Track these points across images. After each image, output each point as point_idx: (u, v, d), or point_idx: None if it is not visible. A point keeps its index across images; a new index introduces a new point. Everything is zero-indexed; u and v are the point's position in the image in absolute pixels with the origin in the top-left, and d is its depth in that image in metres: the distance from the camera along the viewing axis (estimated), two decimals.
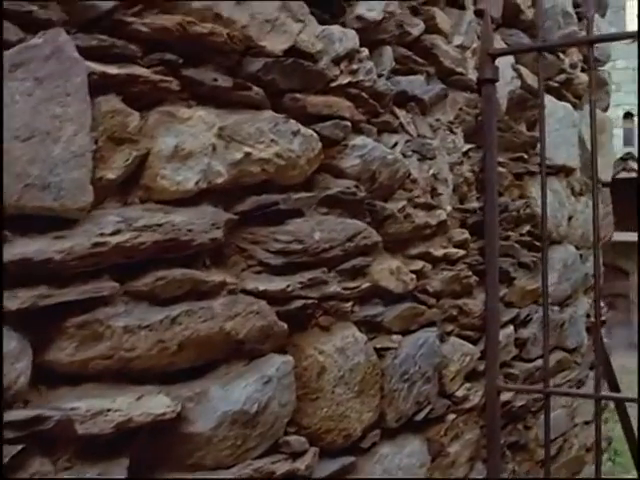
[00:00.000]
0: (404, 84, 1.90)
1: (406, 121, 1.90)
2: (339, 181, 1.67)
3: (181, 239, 1.26)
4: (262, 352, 1.48)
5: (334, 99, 1.64)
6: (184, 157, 1.29)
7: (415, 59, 1.95)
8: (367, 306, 1.77)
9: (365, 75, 1.73)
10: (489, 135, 2.27)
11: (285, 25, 1.50)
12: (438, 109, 2.06)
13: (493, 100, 2.28)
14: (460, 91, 2.18)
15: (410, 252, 1.94)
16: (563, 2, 2.88)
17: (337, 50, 1.63)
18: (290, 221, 1.54)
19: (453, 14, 2.15)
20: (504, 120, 2.42)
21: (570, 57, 3.01)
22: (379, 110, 1.78)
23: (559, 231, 2.83)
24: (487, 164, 2.27)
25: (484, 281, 2.27)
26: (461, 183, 2.15)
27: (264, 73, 1.46)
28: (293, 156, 1.51)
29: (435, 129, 2.04)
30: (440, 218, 2.03)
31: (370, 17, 1.75)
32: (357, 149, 1.70)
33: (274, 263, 1.50)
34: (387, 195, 1.84)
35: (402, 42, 1.92)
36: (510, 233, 2.44)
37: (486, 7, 2.31)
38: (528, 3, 2.60)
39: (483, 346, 2.27)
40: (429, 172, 1.99)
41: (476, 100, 2.26)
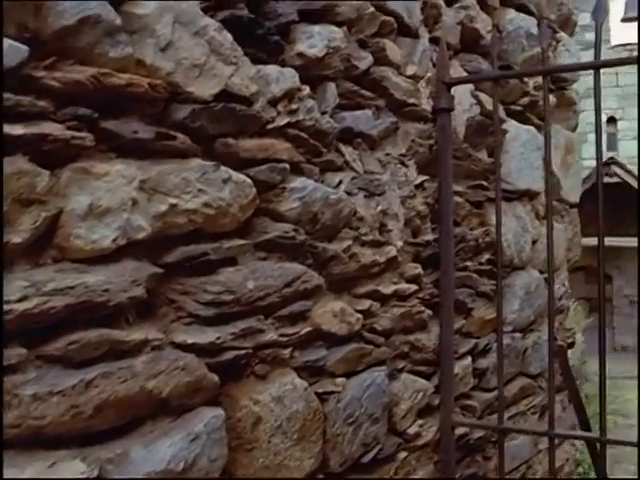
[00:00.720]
0: (350, 120, 1.85)
1: (352, 158, 1.86)
2: (278, 225, 1.63)
3: (96, 300, 1.21)
4: (191, 406, 1.43)
5: (271, 142, 1.59)
6: (100, 214, 1.24)
7: (362, 93, 1.90)
8: (309, 350, 1.73)
9: (306, 114, 1.69)
10: (444, 165, 2.23)
11: (215, 69, 1.45)
12: (388, 143, 2.02)
13: (448, 129, 2.24)
14: (413, 122, 2.14)
15: (357, 291, 1.90)
16: (527, 24, 2.85)
17: (274, 91, 1.59)
18: (222, 270, 1.49)
19: (406, 43, 2.11)
20: (462, 148, 2.38)
21: (535, 79, 2.97)
22: (321, 149, 1.74)
23: (522, 257, 2.79)
24: (442, 194, 2.23)
25: (439, 314, 2.23)
26: (413, 217, 2.11)
27: (191, 120, 1.41)
28: (224, 204, 1.46)
29: (385, 164, 1.99)
30: (390, 255, 1.99)
31: (312, 54, 1.71)
32: (296, 191, 1.65)
33: (204, 314, 1.45)
34: (331, 235, 1.80)
35: (349, 76, 1.87)
36: (468, 263, 2.41)
37: (442, 34, 2.27)
38: (488, 28, 2.56)
39: (438, 380, 2.23)
40: (377, 208, 1.94)
41: (431, 130, 2.22)
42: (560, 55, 3.21)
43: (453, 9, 2.38)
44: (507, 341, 2.69)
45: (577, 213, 3.45)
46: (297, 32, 1.69)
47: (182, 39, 1.38)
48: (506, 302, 2.72)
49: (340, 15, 1.83)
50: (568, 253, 3.32)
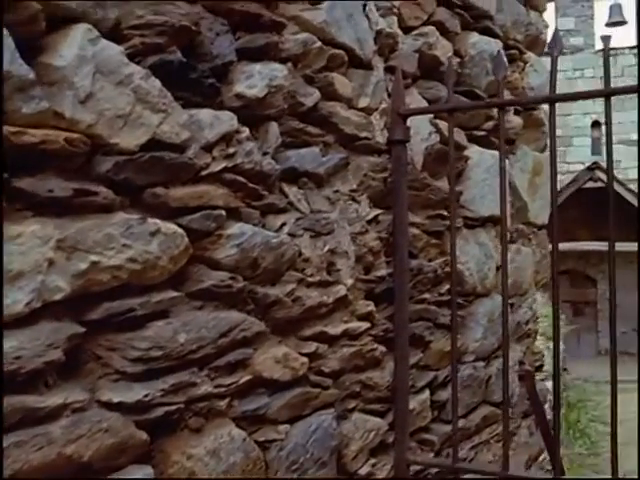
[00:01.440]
0: (295, 159, 1.81)
1: (297, 198, 1.81)
2: (214, 273, 1.59)
3: (7, 369, 1.16)
4: (119, 466, 1.39)
5: (205, 188, 1.54)
6: (12, 278, 1.19)
7: (309, 131, 1.85)
8: (249, 398, 1.69)
9: (244, 157, 1.64)
10: (399, 197, 2.19)
11: (142, 118, 1.40)
12: (338, 179, 1.97)
13: (403, 161, 2.19)
14: (366, 156, 2.09)
15: (303, 334, 1.85)
16: (492, 47, 2.80)
17: (208, 136, 1.54)
18: (151, 324, 1.44)
19: (358, 75, 2.06)
20: (419, 179, 2.34)
21: None
22: (262, 192, 1.69)
23: (485, 284, 2.76)
24: (397, 227, 2.19)
25: (394, 350, 2.19)
26: (365, 253, 2.07)
27: (115, 173, 1.36)
28: (151, 258, 1.41)
29: (333, 201, 1.95)
30: (339, 294, 1.95)
31: (251, 94, 1.66)
32: (233, 238, 1.61)
33: (132, 371, 1.41)
34: (274, 279, 1.75)
35: (295, 113, 1.82)
36: (426, 295, 2.37)
37: (398, 64, 2.23)
38: (449, 54, 2.52)
39: (392, 417, 2.19)
40: (325, 248, 1.90)
41: (385, 163, 2.18)
42: (528, 75, 3.17)
43: (411, 36, 2.33)
44: (469, 371, 2.65)
45: (546, 234, 3.42)
46: (236, 72, 1.64)
47: (104, 89, 1.33)
48: (469, 331, 2.69)
49: (285, 51, 1.78)
50: (536, 275, 3.29)
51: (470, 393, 2.65)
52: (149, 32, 1.42)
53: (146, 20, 1.42)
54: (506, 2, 2.97)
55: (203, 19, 1.56)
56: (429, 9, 2.42)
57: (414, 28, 2.36)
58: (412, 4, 2.34)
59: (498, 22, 2.90)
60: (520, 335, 3.13)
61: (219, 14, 1.60)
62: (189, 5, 1.52)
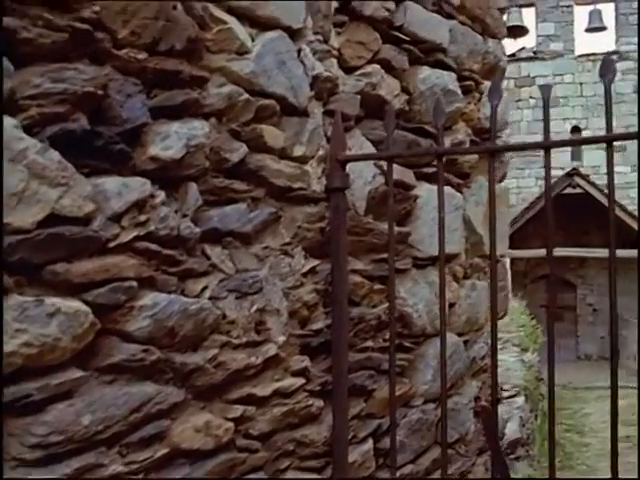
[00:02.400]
0: (218, 219, 1.74)
1: (220, 259, 1.75)
2: (126, 346, 1.52)
3: None
4: None
5: (113, 260, 1.47)
6: None
7: (235, 187, 1.79)
8: (168, 470, 1.62)
9: (159, 223, 1.57)
10: (338, 246, 2.12)
11: (38, 194, 1.33)
12: (268, 234, 1.90)
13: (342, 209, 2.13)
14: (301, 206, 2.03)
15: (229, 397, 1.79)
16: (444, 80, 2.75)
17: (115, 206, 1.47)
18: (52, 407, 1.38)
19: (292, 123, 2.00)
20: (362, 224, 2.28)
21: (454, 135, 2.87)
22: (179, 257, 1.62)
23: (435, 324, 2.69)
24: (336, 277, 2.13)
25: (332, 403, 2.13)
26: (299, 308, 2.00)
27: (9, 254, 1.29)
28: (50, 340, 1.34)
29: (263, 258, 1.88)
30: (269, 354, 1.88)
31: (167, 156, 1.59)
32: (146, 309, 1.54)
33: (30, 457, 1.34)
34: (195, 344, 1.69)
35: (219, 169, 1.76)
36: (369, 343, 2.31)
37: (337, 107, 2.16)
38: (395, 92, 2.46)
39: (331, 472, 2.13)
40: (253, 308, 1.84)
41: (322, 211, 2.11)
42: (485, 105, 3.12)
43: (353, 77, 2.27)
44: (417, 415, 2.60)
45: (505, 265, 3.37)
46: (150, 134, 1.57)
47: None
48: (418, 373, 2.63)
49: (208, 106, 1.71)
50: None
51: (419, 437, 2.59)
52: (47, 101, 1.35)
53: (43, 89, 1.34)
54: (461, 32, 2.91)
55: (112, 81, 1.49)
56: (374, 47, 2.35)
57: (357, 68, 2.29)
58: (355, 44, 2.27)
59: (451, 54, 2.83)
60: (476, 371, 3.08)
61: (131, 74, 1.53)
62: (96, 68, 1.45)
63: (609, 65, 1.84)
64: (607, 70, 1.83)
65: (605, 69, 1.83)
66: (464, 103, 2.95)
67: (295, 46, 2.00)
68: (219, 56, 1.77)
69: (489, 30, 3.19)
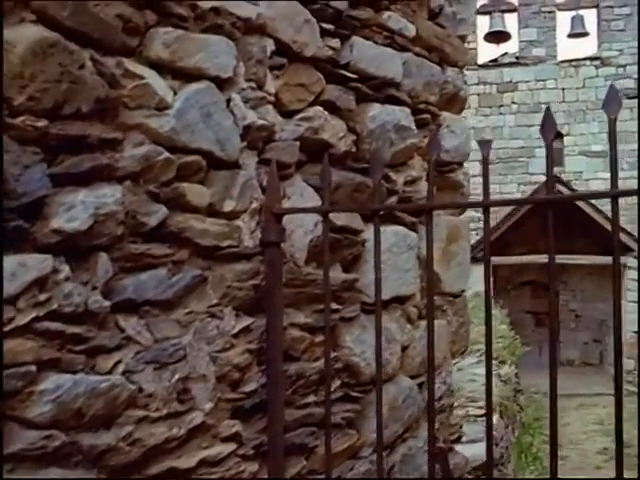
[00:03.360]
0: (133, 288, 1.64)
1: (136, 330, 1.65)
2: (26, 434, 1.42)
3: None
4: None
5: (7, 346, 1.37)
6: None
7: (153, 253, 1.69)
8: None
9: (63, 300, 1.47)
10: (273, 302, 2.03)
11: None
12: (192, 298, 1.81)
13: (278, 264, 2.04)
14: (231, 264, 1.93)
15: (148, 473, 1.69)
16: (397, 116, 2.65)
17: (9, 289, 1.37)
18: None
19: (221, 177, 1.90)
20: (302, 275, 2.18)
21: (409, 171, 2.78)
22: (87, 334, 1.52)
23: (387, 370, 2.61)
24: (271, 335, 2.03)
25: (268, 465, 2.04)
26: (229, 371, 1.91)
27: None
28: None
29: (186, 324, 1.78)
30: (193, 423, 1.79)
31: (72, 228, 1.49)
32: (47, 394, 1.44)
33: None
34: (108, 423, 1.59)
35: (136, 234, 1.66)
36: (310, 399, 2.21)
37: (273, 156, 2.07)
38: (340, 134, 2.36)
39: None
40: (174, 377, 1.74)
41: (256, 267, 2.02)
42: (443, 138, 3.03)
43: (293, 122, 2.17)
44: (366, 466, 2.51)
45: (464, 301, 3.29)
46: (53, 205, 1.46)
47: None
48: (367, 422, 2.54)
49: (121, 169, 1.61)
50: (452, 346, 3.15)
51: None
52: None
53: None
54: (416, 65, 2.82)
55: (8, 153, 1.39)
56: (316, 89, 2.25)
57: (298, 111, 2.20)
58: (295, 86, 2.18)
59: (405, 87, 2.74)
60: None
61: (29, 143, 1.43)
62: None
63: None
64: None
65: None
66: (420, 137, 2.85)
67: (224, 96, 1.90)
68: (137, 112, 1.67)
69: (448, 59, 3.10)
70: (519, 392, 9.33)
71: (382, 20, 2.62)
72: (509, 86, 14.47)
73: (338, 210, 2.22)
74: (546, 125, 1.70)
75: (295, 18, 2.15)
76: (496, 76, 14.56)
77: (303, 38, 2.18)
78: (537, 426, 9.59)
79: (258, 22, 2.01)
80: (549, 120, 1.70)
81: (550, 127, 1.71)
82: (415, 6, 2.88)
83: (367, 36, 2.52)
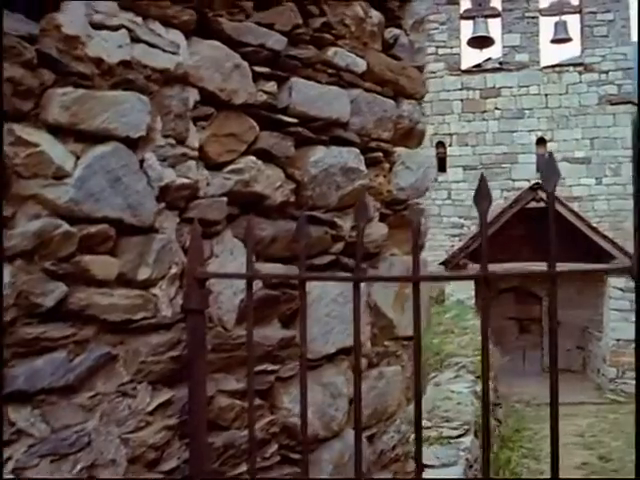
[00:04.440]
0: (24, 377, 1.50)
1: (30, 422, 1.51)
2: None
3: None
4: None
5: None
6: None
7: (50, 335, 1.55)
8: None
9: None
10: (196, 373, 1.89)
11: None
12: (98, 379, 1.67)
13: (201, 331, 1.90)
14: (146, 337, 1.79)
15: None
16: (343, 158, 2.52)
17: None
18: None
19: (134, 245, 1.76)
20: (230, 339, 2.05)
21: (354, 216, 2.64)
22: None
23: (331, 427, 2.48)
24: (193, 407, 1.89)
25: None
26: (144, 452, 1.77)
27: None
28: None
29: (91, 407, 1.64)
30: None
31: None
32: None
33: None
34: None
35: (31, 316, 1.52)
36: (242, 468, 2.08)
37: (196, 215, 1.93)
38: (277, 183, 2.22)
39: None
40: (75, 468, 1.60)
41: (178, 335, 1.88)
42: (397, 175, 2.89)
43: (221, 175, 2.03)
44: None
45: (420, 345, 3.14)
46: None
47: None
48: None
49: (11, 249, 1.47)
50: (407, 392, 3.02)
51: None
52: None
53: None
54: (366, 101, 2.68)
55: None
56: (248, 137, 2.12)
57: (228, 163, 2.06)
58: (224, 137, 2.03)
59: (354, 126, 2.60)
60: (385, 463, 2.86)
61: None
62: None
63: (484, 191, 1.57)
64: (482, 198, 1.57)
65: (480, 196, 1.56)
66: (371, 177, 2.72)
67: (137, 156, 1.75)
68: (33, 182, 1.53)
69: (404, 92, 2.96)
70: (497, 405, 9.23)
71: (327, 57, 2.48)
72: (492, 92, 14.36)
73: (262, 277, 2.08)
74: (480, 194, 1.57)
75: (223, 64, 2.01)
76: (479, 82, 14.45)
77: (232, 85, 2.04)
78: (517, 439, 9.51)
79: (178, 72, 1.87)
80: (483, 189, 1.57)
81: (484, 195, 1.57)
82: (367, 38, 2.74)
83: (309, 75, 2.38)
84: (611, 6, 13.94)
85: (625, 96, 14.01)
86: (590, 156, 14.06)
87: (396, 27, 2.94)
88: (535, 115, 14.16)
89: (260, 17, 2.18)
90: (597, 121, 14.02)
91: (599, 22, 13.98)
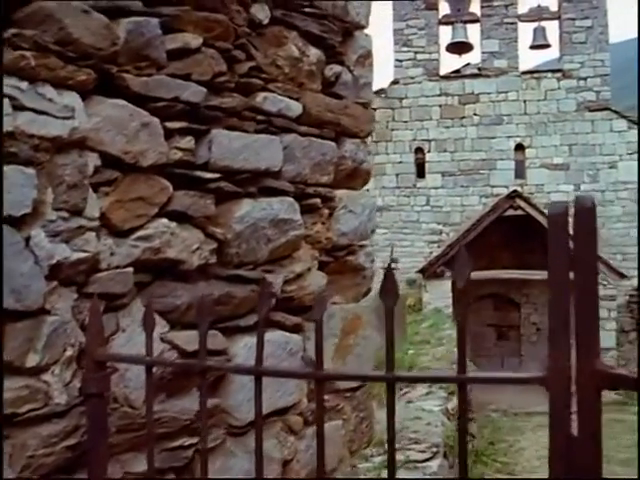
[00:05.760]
0: None
1: None
2: None
3: None
4: None
5: None
6: None
7: None
8: None
9: None
10: (96, 459, 1.75)
11: None
12: None
13: (101, 418, 1.76)
14: (36, 428, 1.65)
15: None
16: (273, 210, 2.38)
17: None
18: None
19: (20, 330, 1.62)
20: (139, 417, 1.91)
21: (292, 266, 2.51)
22: None
23: None
24: None
25: None
26: None
27: None
28: None
29: None
30: None
31: None
32: None
33: None
34: None
35: None
36: None
37: (97, 290, 1.79)
38: (194, 246, 2.09)
39: None
40: None
41: (75, 422, 1.74)
42: (339, 220, 2.76)
43: (127, 244, 1.89)
44: None
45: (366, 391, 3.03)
46: None
47: None
48: None
49: None
50: (351, 445, 2.89)
51: None
52: None
53: None
54: (302, 146, 2.55)
55: None
56: (160, 199, 1.98)
57: (136, 229, 1.92)
58: (131, 202, 1.89)
59: (287, 174, 2.47)
60: None
61: None
62: None
63: (391, 286, 1.42)
64: (388, 294, 1.42)
65: (385, 292, 1.42)
66: (308, 225, 2.59)
67: (21, 235, 1.61)
68: None
69: (347, 131, 2.83)
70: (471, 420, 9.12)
71: (256, 103, 2.34)
72: (471, 97, 14.24)
73: (163, 364, 1.93)
74: (385, 288, 1.44)
75: (127, 125, 1.87)
76: (458, 87, 14.32)
77: (139, 146, 1.90)
78: (491, 452, 9.40)
79: (74, 138, 1.73)
80: (389, 282, 1.43)
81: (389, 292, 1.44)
82: (304, 78, 2.61)
83: (234, 125, 2.25)
84: (589, 13, 13.86)
85: (603, 103, 13.95)
86: (569, 162, 13.98)
87: (338, 64, 2.80)
88: (514, 121, 14.05)
89: (176, 68, 2.04)
90: (575, 127, 13.93)
91: (577, 28, 13.89)
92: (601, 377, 1.27)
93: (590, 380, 1.28)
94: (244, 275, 2.27)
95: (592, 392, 1.28)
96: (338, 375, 2.02)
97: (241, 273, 2.26)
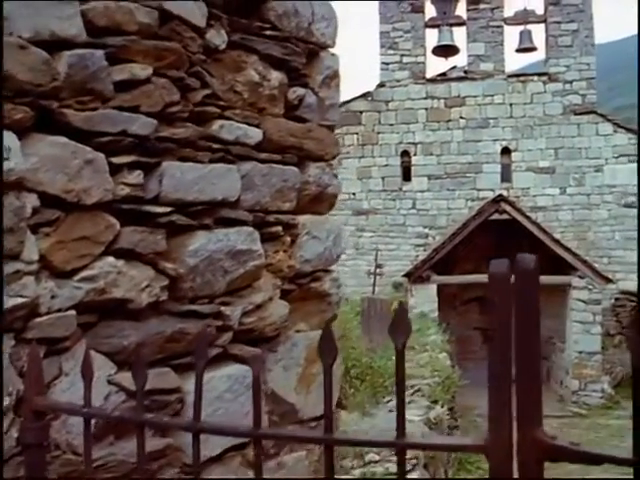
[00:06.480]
0: None
1: None
2: None
3: None
4: None
5: None
6: None
7: None
8: None
9: None
10: None
11: None
12: None
13: (41, 467, 1.69)
14: None
15: None
16: (230, 241, 2.32)
17: None
18: None
19: None
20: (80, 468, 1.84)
21: (252, 297, 2.45)
22: None
23: None
24: None
25: None
26: None
27: None
28: None
29: None
30: None
31: None
32: None
33: None
34: None
35: None
36: None
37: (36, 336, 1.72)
38: (144, 284, 2.02)
39: None
40: None
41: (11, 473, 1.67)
42: (302, 247, 2.70)
43: (70, 285, 1.83)
44: None
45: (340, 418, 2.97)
46: None
47: None
48: None
49: None
50: (316, 475, 2.83)
51: None
52: None
53: None
54: (262, 174, 2.49)
55: None
56: (106, 237, 1.91)
57: (79, 270, 1.85)
58: (74, 242, 1.83)
59: (246, 203, 2.41)
60: None
61: None
62: None
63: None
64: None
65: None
66: (269, 253, 2.52)
67: None
68: None
69: (311, 155, 2.77)
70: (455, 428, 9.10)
71: (211, 132, 2.28)
72: (457, 101, 14.19)
73: (102, 417, 1.86)
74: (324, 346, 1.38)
75: (69, 163, 1.80)
76: (444, 90, 14.28)
77: (82, 184, 1.84)
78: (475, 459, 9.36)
79: (10, 180, 1.67)
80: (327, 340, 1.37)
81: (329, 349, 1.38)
82: (264, 103, 2.54)
83: (188, 156, 2.18)
84: (575, 16, 13.84)
85: (589, 106, 13.94)
86: (554, 166, 13.97)
87: (302, 86, 2.74)
88: (500, 124, 14.02)
89: (123, 100, 1.98)
90: (561, 131, 13.91)
91: (563, 32, 13.86)
92: (543, 448, 1.22)
93: (531, 451, 1.22)
94: (198, 310, 2.21)
95: (533, 464, 1.22)
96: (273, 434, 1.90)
97: (195, 308, 2.20)
